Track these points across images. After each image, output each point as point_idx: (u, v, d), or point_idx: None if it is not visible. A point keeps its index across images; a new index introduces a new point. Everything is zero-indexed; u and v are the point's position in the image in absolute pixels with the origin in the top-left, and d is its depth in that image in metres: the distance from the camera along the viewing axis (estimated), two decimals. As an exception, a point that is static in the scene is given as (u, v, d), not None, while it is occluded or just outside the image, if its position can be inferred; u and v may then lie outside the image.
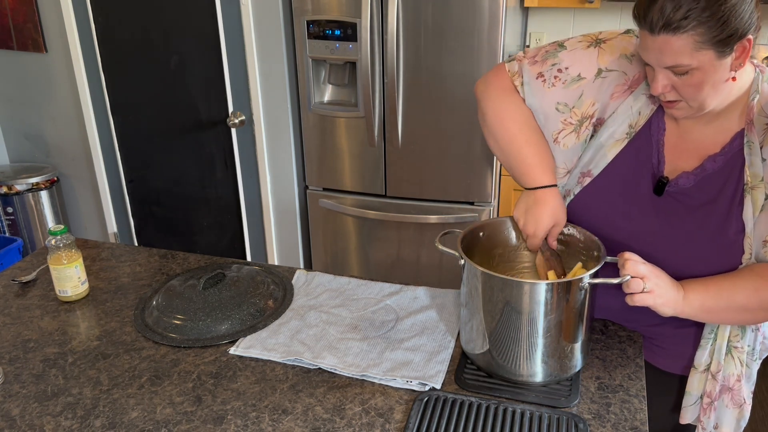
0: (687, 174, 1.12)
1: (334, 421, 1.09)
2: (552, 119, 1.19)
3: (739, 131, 1.08)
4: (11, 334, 1.35)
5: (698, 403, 1.23)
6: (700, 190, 1.11)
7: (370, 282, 1.50)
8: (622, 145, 1.16)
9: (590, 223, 1.22)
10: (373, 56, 2.43)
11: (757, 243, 1.08)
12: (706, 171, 1.11)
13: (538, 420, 1.07)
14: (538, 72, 1.19)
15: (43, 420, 1.10)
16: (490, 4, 2.27)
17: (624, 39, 1.16)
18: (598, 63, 1.15)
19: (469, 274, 1.13)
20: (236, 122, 2.73)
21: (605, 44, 1.16)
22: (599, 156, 1.18)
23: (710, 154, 1.10)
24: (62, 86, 2.98)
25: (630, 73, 1.14)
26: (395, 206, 2.66)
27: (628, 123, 1.15)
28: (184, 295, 1.40)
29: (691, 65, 0.98)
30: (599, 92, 1.15)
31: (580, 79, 1.15)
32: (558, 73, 1.17)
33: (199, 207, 3.01)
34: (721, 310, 1.09)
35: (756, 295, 1.06)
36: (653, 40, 0.98)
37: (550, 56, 1.19)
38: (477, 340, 1.16)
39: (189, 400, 1.14)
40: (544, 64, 1.19)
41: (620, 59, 1.14)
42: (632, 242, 1.17)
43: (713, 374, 1.20)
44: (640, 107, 1.14)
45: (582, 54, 1.16)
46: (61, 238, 1.42)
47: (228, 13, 2.60)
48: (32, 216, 3.12)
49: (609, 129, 1.17)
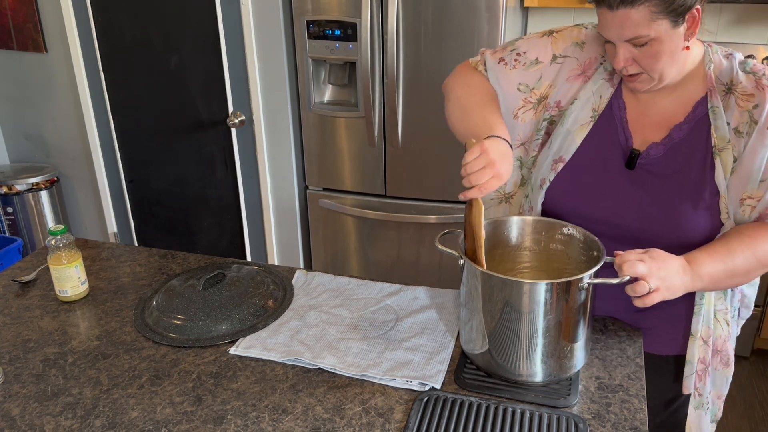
0: (656, 144, 1.19)
1: (334, 421, 1.09)
2: (513, 97, 1.29)
3: (700, 99, 1.16)
4: (11, 334, 1.35)
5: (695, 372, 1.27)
6: (671, 159, 1.18)
7: (370, 282, 1.50)
8: (588, 128, 1.24)
9: (570, 206, 1.26)
10: (373, 56, 2.43)
11: (734, 204, 1.15)
12: (673, 140, 1.18)
13: (538, 420, 1.07)
14: (499, 57, 1.30)
15: (43, 420, 1.10)
16: (490, 4, 2.27)
17: (574, 29, 1.27)
18: (552, 49, 1.26)
19: (469, 274, 1.13)
20: (236, 122, 2.73)
21: (557, 34, 1.27)
22: (568, 141, 1.25)
23: (676, 123, 1.18)
24: (62, 86, 2.98)
25: (581, 59, 1.24)
26: (395, 206, 2.66)
27: (590, 107, 1.23)
28: (184, 295, 1.40)
29: (650, 35, 1.06)
30: (556, 75, 1.25)
31: (538, 63, 1.26)
32: (517, 57, 1.28)
33: (199, 207, 3.01)
34: (726, 277, 1.13)
35: (754, 257, 1.12)
36: (613, 15, 1.07)
37: (508, 45, 1.31)
38: (477, 340, 1.16)
39: (189, 400, 1.14)
40: (503, 51, 1.31)
41: (572, 46, 1.25)
42: (613, 218, 1.23)
43: (705, 340, 1.25)
44: (600, 90, 1.23)
45: (537, 41, 1.28)
46: (61, 238, 1.42)
47: (228, 13, 2.60)
48: (32, 216, 3.12)
49: (573, 114, 1.24)
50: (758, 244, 1.12)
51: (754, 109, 1.11)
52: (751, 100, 1.11)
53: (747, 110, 1.12)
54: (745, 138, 1.12)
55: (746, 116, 1.12)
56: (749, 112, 1.11)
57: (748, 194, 1.13)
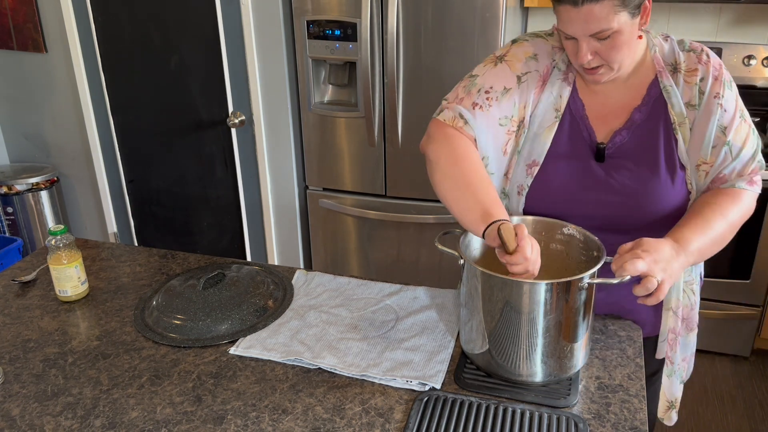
0: (620, 131, 1.24)
1: (334, 421, 1.09)
2: (500, 134, 1.28)
3: (652, 81, 1.23)
4: (11, 334, 1.35)
5: (666, 339, 1.34)
6: (637, 141, 1.24)
7: (370, 282, 1.50)
8: (554, 129, 1.27)
9: (552, 206, 1.28)
10: (373, 56, 2.43)
11: (693, 171, 1.22)
12: (635, 122, 1.24)
13: (538, 420, 1.07)
14: (471, 103, 1.27)
15: (43, 420, 1.10)
16: (490, 4, 2.27)
17: (519, 46, 1.29)
18: (513, 72, 1.27)
19: (469, 273, 1.13)
20: (236, 122, 2.73)
21: (507, 57, 1.28)
22: (537, 144, 1.27)
23: (634, 107, 1.24)
24: (62, 86, 2.98)
25: (540, 69, 1.27)
26: (395, 206, 2.66)
27: (553, 108, 1.27)
28: (184, 295, 1.40)
29: (612, 28, 1.11)
30: (525, 95, 1.27)
31: (507, 90, 1.26)
32: (487, 95, 1.26)
33: (199, 207, 3.01)
34: (709, 247, 1.18)
35: (727, 223, 1.19)
36: (577, 11, 1.10)
37: (470, 87, 1.28)
38: (477, 340, 1.16)
39: (189, 400, 1.14)
40: (470, 95, 1.27)
41: (527, 62, 1.27)
42: (595, 211, 1.25)
43: (675, 311, 1.31)
44: (559, 90, 1.27)
45: (495, 71, 1.28)
46: (61, 238, 1.42)
47: (228, 13, 2.60)
48: (32, 216, 3.12)
49: (537, 119, 1.27)
50: (726, 210, 1.19)
51: (701, 82, 1.20)
52: (697, 74, 1.21)
53: (695, 84, 1.21)
54: (697, 110, 1.21)
55: (695, 90, 1.21)
56: (697, 85, 1.21)
57: (702, 160, 1.21)
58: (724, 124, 1.19)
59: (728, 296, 2.65)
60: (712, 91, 1.19)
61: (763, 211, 2.47)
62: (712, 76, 1.20)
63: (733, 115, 1.20)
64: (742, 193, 1.21)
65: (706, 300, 2.67)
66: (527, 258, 1.05)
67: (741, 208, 1.21)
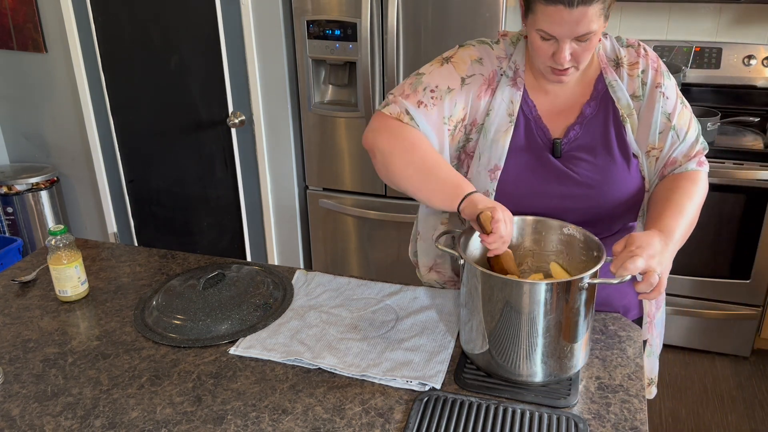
0: (573, 126, 1.29)
1: (334, 421, 1.09)
2: (441, 134, 1.29)
3: (597, 77, 1.28)
4: (11, 334, 1.35)
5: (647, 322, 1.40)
6: (590, 133, 1.28)
7: (370, 282, 1.50)
8: (510, 133, 1.29)
9: (519, 204, 1.27)
10: (373, 56, 2.43)
11: (643, 158, 1.28)
12: (586, 117, 1.28)
13: (538, 420, 1.07)
14: (417, 101, 1.28)
15: (43, 420, 1.10)
16: (490, 4, 2.27)
17: (466, 49, 1.31)
18: (458, 73, 1.28)
19: (469, 273, 1.13)
20: (236, 122, 2.73)
21: (453, 59, 1.30)
22: (495, 149, 1.29)
23: (583, 103, 1.29)
24: (62, 86, 2.98)
25: (485, 74, 1.29)
26: (395, 206, 2.66)
27: (506, 113, 1.29)
28: (184, 295, 1.40)
29: (596, 30, 1.14)
30: (466, 97, 1.29)
31: (451, 90, 1.28)
32: (432, 93, 1.28)
33: (199, 207, 3.01)
34: (687, 231, 1.22)
35: (694, 205, 1.24)
36: (570, 13, 1.11)
37: (417, 85, 1.29)
38: (477, 340, 1.16)
39: (189, 400, 1.14)
40: (416, 93, 1.28)
41: (473, 65, 1.29)
42: (562, 207, 1.28)
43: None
44: (510, 96, 1.29)
45: (440, 71, 1.29)
46: (61, 238, 1.42)
47: (228, 13, 2.60)
48: (32, 216, 3.12)
49: (493, 125, 1.29)
50: (691, 192, 1.24)
51: (642, 74, 1.27)
52: (638, 67, 1.27)
53: (637, 76, 1.27)
54: (641, 100, 1.27)
55: (638, 81, 1.27)
56: (639, 77, 1.27)
57: (651, 146, 1.28)
58: (668, 110, 1.26)
59: (728, 296, 2.65)
60: (654, 81, 1.26)
61: (763, 212, 2.47)
62: (652, 67, 1.26)
63: (675, 101, 1.26)
64: (697, 174, 1.28)
65: (706, 300, 2.67)
66: (502, 237, 1.11)
67: (701, 187, 1.27)
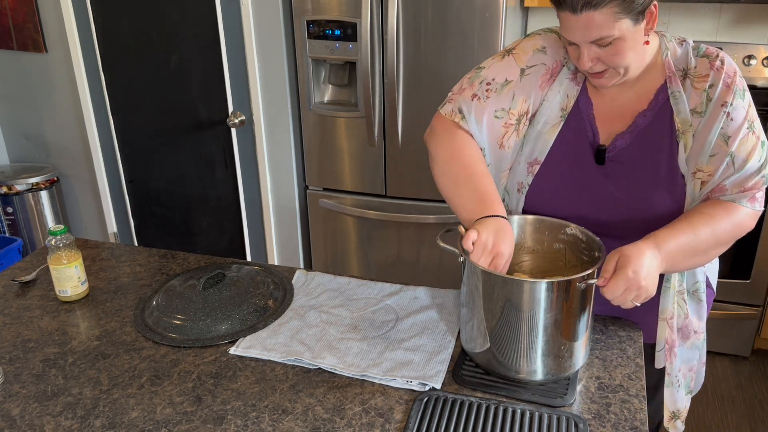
0: (622, 134, 1.23)
1: (334, 421, 1.09)
2: (495, 127, 1.28)
3: (660, 86, 1.21)
4: (11, 334, 1.35)
5: (664, 349, 1.32)
6: (638, 146, 1.22)
7: (370, 282, 1.50)
8: (558, 128, 1.26)
9: (550, 205, 1.28)
10: (373, 56, 2.43)
11: (689, 179, 1.20)
12: (638, 127, 1.22)
13: (538, 420, 1.07)
14: (471, 94, 1.28)
15: (43, 420, 1.10)
16: (490, 4, 2.27)
17: (530, 39, 1.29)
18: (518, 65, 1.27)
19: (470, 272, 1.13)
20: (236, 122, 2.73)
21: (516, 50, 1.28)
22: (540, 143, 1.27)
23: (639, 112, 1.22)
24: (62, 86, 2.98)
25: (548, 63, 1.26)
26: (395, 206, 2.66)
27: (559, 107, 1.26)
28: (184, 295, 1.40)
29: (614, 35, 1.10)
30: (528, 88, 1.26)
31: (508, 83, 1.26)
32: (488, 86, 1.27)
33: (199, 207, 3.01)
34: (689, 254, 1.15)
35: (713, 235, 1.15)
36: (576, 19, 1.09)
37: (474, 79, 1.30)
38: (477, 339, 1.16)
39: (189, 400, 1.14)
40: (472, 86, 1.29)
41: (535, 54, 1.26)
42: (590, 214, 1.25)
43: (668, 321, 1.29)
44: (566, 90, 1.26)
45: (500, 64, 1.28)
46: (61, 238, 1.42)
47: (228, 13, 2.60)
48: (32, 216, 3.12)
49: (543, 117, 1.27)
50: (717, 222, 1.15)
51: (710, 89, 1.17)
52: (706, 80, 1.18)
53: (703, 90, 1.18)
54: (702, 117, 1.18)
55: (703, 96, 1.18)
56: (705, 92, 1.17)
57: (698, 167, 1.19)
58: (728, 133, 1.15)
59: (728, 296, 2.65)
60: (720, 98, 1.16)
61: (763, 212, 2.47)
62: (723, 83, 1.16)
63: (740, 125, 1.15)
64: (739, 209, 1.18)
65: (706, 300, 2.67)
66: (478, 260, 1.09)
67: (734, 223, 1.17)
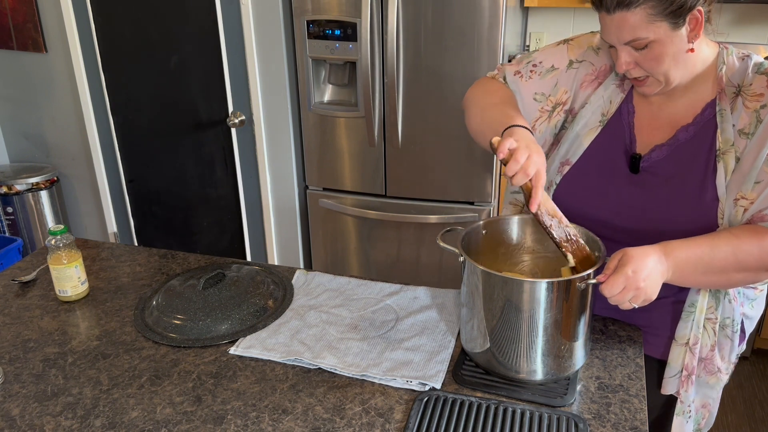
0: (660, 146, 1.20)
1: (334, 421, 1.09)
2: (530, 108, 1.29)
3: (710, 101, 1.16)
4: (11, 334, 1.35)
5: (678, 376, 1.26)
6: (674, 161, 1.18)
7: (370, 282, 1.50)
8: (596, 132, 1.25)
9: (575, 207, 1.26)
10: (373, 56, 2.43)
11: (729, 204, 1.13)
12: (678, 141, 1.18)
13: (538, 420, 1.07)
14: (515, 70, 1.32)
15: (43, 420, 1.10)
16: (490, 4, 2.27)
17: (590, 35, 1.28)
18: (568, 55, 1.27)
19: (470, 272, 1.13)
20: (236, 122, 2.73)
21: (573, 41, 1.29)
22: (576, 145, 1.27)
23: (683, 125, 1.18)
24: (62, 86, 2.98)
25: (597, 64, 1.25)
26: (395, 206, 2.66)
27: (600, 112, 1.25)
28: (184, 295, 1.40)
29: (648, 38, 1.07)
30: (571, 81, 1.26)
31: (554, 70, 1.27)
32: (533, 68, 1.29)
33: (199, 207, 3.01)
34: (702, 268, 1.09)
35: (734, 256, 1.08)
36: (611, 19, 1.08)
37: (524, 58, 1.33)
38: (477, 339, 1.16)
39: (189, 400, 1.14)
40: (520, 64, 1.32)
41: (587, 51, 1.26)
42: (616, 221, 1.24)
43: (691, 347, 1.24)
44: (611, 96, 1.25)
45: (553, 50, 1.30)
46: (61, 238, 1.42)
47: (228, 13, 2.60)
48: (32, 216, 3.12)
49: (583, 119, 1.26)
50: (742, 243, 1.08)
51: (762, 109, 1.10)
52: (760, 100, 1.10)
53: (754, 110, 1.11)
54: (750, 138, 1.11)
55: (753, 117, 1.11)
56: (757, 112, 1.10)
57: (741, 194, 1.12)
58: None
59: (728, 296, 2.64)
60: None
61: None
62: None
63: None
64: None
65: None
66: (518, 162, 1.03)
67: (762, 247, 1.08)
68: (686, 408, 1.27)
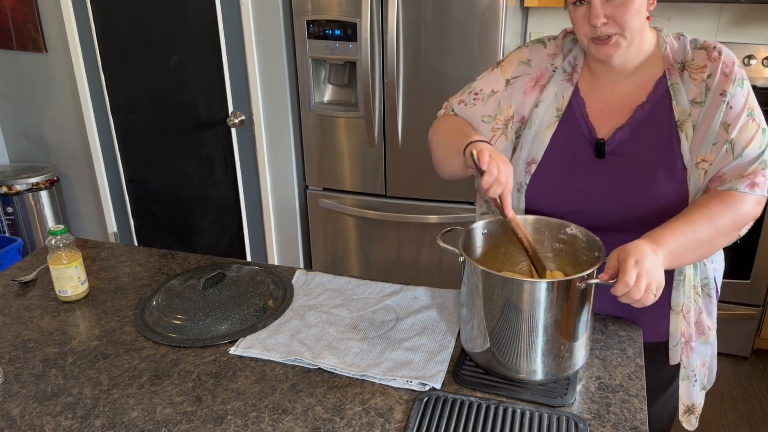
0: (621, 128, 1.25)
1: (334, 421, 1.09)
2: (482, 130, 1.34)
3: (659, 78, 1.23)
4: (11, 334, 1.35)
5: (680, 344, 1.32)
6: (637, 138, 1.23)
7: (370, 282, 1.50)
8: (554, 128, 1.29)
9: (550, 204, 1.29)
10: (373, 56, 2.43)
11: (692, 170, 1.20)
12: (637, 119, 1.24)
13: (538, 420, 1.07)
14: (459, 100, 1.39)
15: (43, 420, 1.10)
16: (490, 5, 2.27)
17: (517, 52, 1.36)
18: (503, 76, 1.35)
19: (470, 272, 1.13)
20: (236, 122, 2.73)
21: (504, 62, 1.37)
22: (537, 142, 1.30)
23: (638, 104, 1.24)
24: (62, 86, 2.98)
25: (533, 72, 1.33)
26: (395, 206, 2.66)
27: (555, 107, 1.30)
28: (184, 295, 1.40)
29: None
30: (512, 96, 1.33)
31: (494, 93, 1.35)
32: (475, 96, 1.37)
33: (199, 207, 3.01)
34: (691, 249, 1.15)
35: (714, 227, 1.15)
36: None
37: (466, 89, 1.40)
38: (477, 339, 1.16)
39: (189, 400, 1.14)
40: (462, 94, 1.39)
41: (519, 66, 1.34)
42: (593, 208, 1.26)
43: (684, 315, 1.30)
44: (561, 91, 1.30)
45: (489, 76, 1.37)
46: (61, 238, 1.42)
47: (228, 13, 2.60)
48: (32, 216, 3.12)
49: (538, 119, 1.30)
50: (715, 214, 1.15)
51: (708, 79, 1.19)
52: (705, 71, 1.20)
53: (702, 81, 1.20)
54: (702, 107, 1.20)
55: (702, 87, 1.20)
56: (704, 82, 1.20)
57: (702, 157, 1.19)
58: (728, 121, 1.17)
59: (728, 296, 2.65)
60: (719, 87, 1.18)
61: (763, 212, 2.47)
62: (721, 72, 1.18)
63: (739, 112, 1.17)
64: (738, 196, 1.16)
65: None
66: (492, 175, 1.11)
67: (734, 212, 1.16)
68: (690, 373, 1.33)
